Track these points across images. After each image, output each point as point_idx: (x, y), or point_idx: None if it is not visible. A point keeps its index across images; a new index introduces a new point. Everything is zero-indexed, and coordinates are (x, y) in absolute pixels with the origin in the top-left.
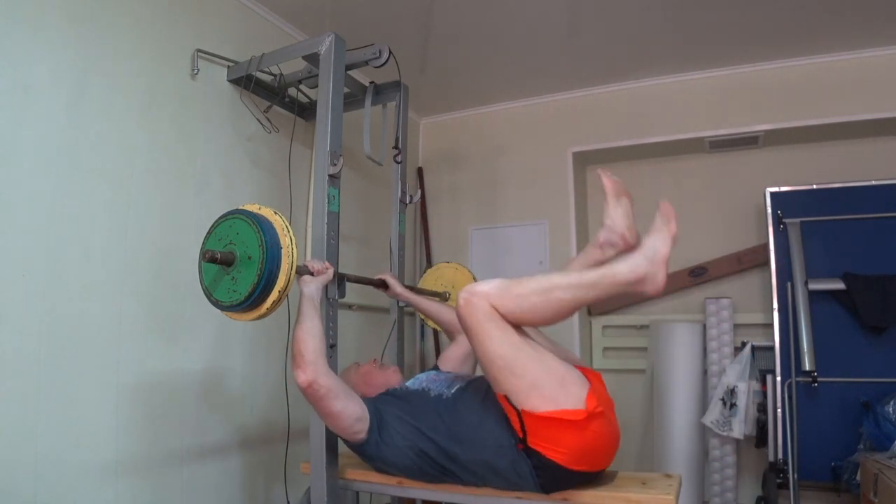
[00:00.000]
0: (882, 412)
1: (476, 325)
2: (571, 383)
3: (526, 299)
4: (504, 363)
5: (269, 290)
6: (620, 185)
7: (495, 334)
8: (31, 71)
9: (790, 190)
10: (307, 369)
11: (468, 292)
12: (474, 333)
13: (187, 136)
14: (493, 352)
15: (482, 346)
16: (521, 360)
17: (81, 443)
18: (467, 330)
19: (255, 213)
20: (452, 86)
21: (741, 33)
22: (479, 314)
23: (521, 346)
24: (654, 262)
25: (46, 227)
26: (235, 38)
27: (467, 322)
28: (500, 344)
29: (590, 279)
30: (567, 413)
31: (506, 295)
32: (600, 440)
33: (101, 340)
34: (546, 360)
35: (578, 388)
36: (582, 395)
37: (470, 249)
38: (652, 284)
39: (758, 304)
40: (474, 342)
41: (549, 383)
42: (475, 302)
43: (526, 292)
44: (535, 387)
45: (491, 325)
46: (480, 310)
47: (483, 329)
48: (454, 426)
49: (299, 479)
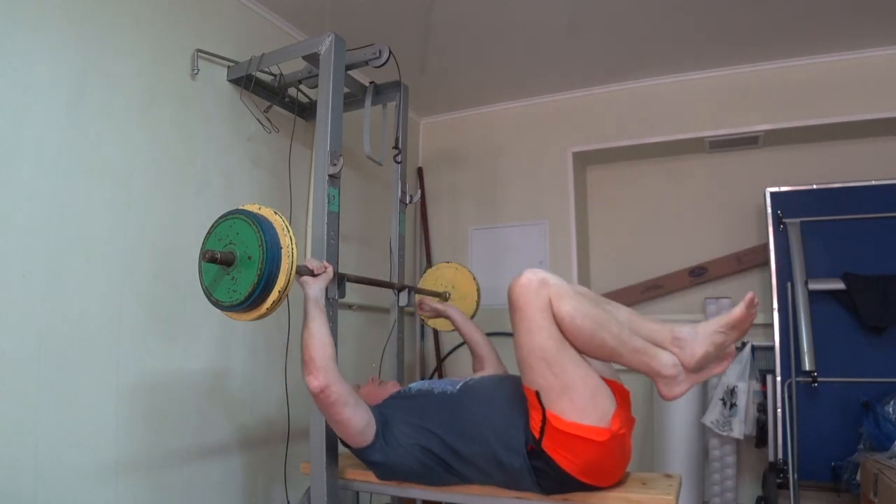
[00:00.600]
0: (882, 412)
1: (529, 309)
2: (602, 398)
3: (580, 318)
4: (544, 356)
5: (269, 290)
6: (748, 322)
7: (545, 325)
8: (31, 71)
9: (790, 190)
10: (319, 375)
11: (534, 273)
12: (523, 317)
13: (187, 136)
14: (537, 342)
15: (528, 334)
16: (561, 358)
17: (81, 443)
18: (516, 310)
19: (255, 212)
20: (452, 86)
21: (741, 33)
22: (537, 300)
23: (565, 346)
24: (687, 378)
25: (46, 227)
26: (235, 38)
27: (519, 302)
28: (546, 337)
29: (635, 345)
30: (591, 431)
31: (566, 300)
32: (613, 460)
33: (101, 340)
34: (584, 368)
35: (607, 405)
36: (609, 413)
37: (470, 249)
38: (669, 389)
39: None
40: (520, 326)
41: (581, 391)
42: (536, 287)
43: (583, 312)
44: (567, 390)
45: (542, 316)
46: (539, 297)
47: (534, 315)
48: (459, 421)
49: (299, 479)
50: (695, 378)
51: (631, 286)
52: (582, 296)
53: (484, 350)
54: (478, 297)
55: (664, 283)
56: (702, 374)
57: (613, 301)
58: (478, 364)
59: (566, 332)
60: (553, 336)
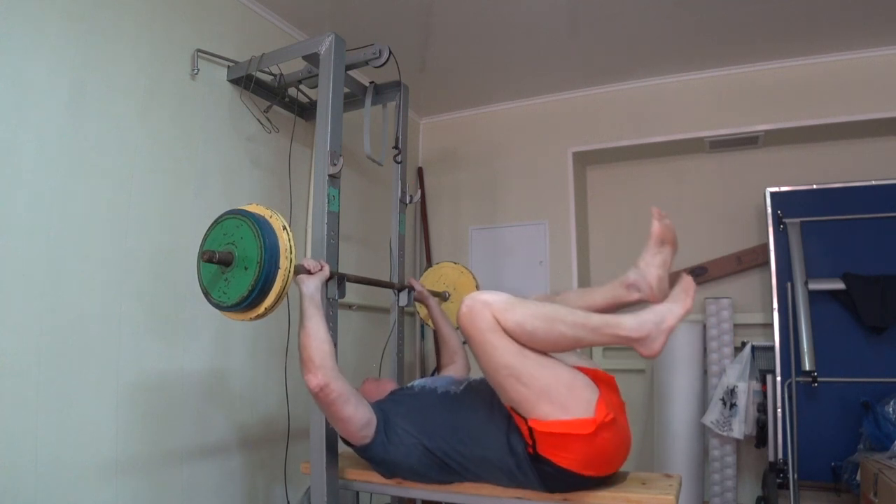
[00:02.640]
0: (882, 412)
1: (478, 334)
2: (580, 389)
3: (529, 322)
4: (509, 372)
5: (268, 290)
6: (670, 231)
7: (498, 343)
8: (31, 71)
9: (790, 190)
10: (318, 374)
11: (472, 300)
12: (476, 343)
13: (187, 136)
14: (497, 362)
15: (486, 356)
16: (527, 367)
17: (81, 443)
18: (469, 338)
19: (254, 213)
20: (452, 86)
21: (741, 33)
22: (482, 323)
23: (526, 354)
24: (660, 329)
25: (46, 227)
26: (235, 38)
27: (469, 331)
28: (502, 353)
29: (594, 323)
30: (576, 425)
31: (509, 311)
32: (611, 447)
33: (101, 340)
34: (552, 366)
35: (588, 394)
36: (592, 401)
37: (470, 249)
38: (648, 348)
39: (758, 304)
40: (477, 352)
41: (557, 389)
42: (478, 311)
43: (530, 315)
44: (543, 394)
45: (493, 336)
46: (483, 320)
47: (485, 339)
48: (461, 423)
49: (299, 479)
50: (663, 321)
51: None
52: (525, 301)
53: (455, 343)
54: None
55: None
56: (667, 308)
57: (562, 292)
58: (448, 358)
59: (522, 340)
60: (510, 351)
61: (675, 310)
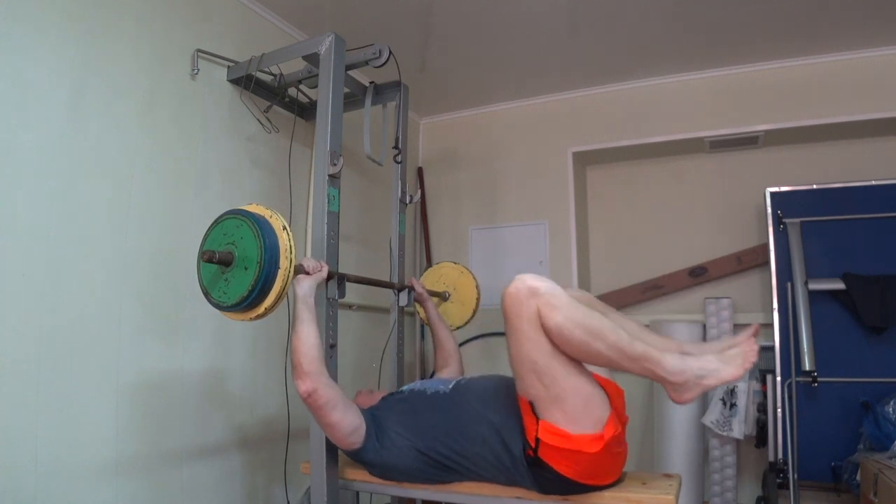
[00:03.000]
0: (882, 412)
1: (515, 319)
2: (595, 406)
3: (568, 329)
4: (533, 367)
5: (268, 290)
6: (750, 352)
7: (533, 336)
8: (31, 71)
9: (790, 190)
10: (306, 379)
11: (522, 283)
12: (511, 327)
13: (187, 136)
14: (525, 354)
15: (516, 344)
16: (551, 370)
17: (81, 443)
18: (505, 319)
19: (254, 213)
20: (452, 86)
21: (741, 33)
22: (523, 311)
23: (556, 357)
24: (698, 382)
25: (46, 227)
26: (235, 38)
27: (507, 313)
28: (532, 348)
29: (635, 353)
30: (584, 443)
31: (555, 310)
32: (612, 461)
33: (101, 341)
34: (576, 376)
35: (601, 412)
36: (603, 419)
37: (470, 249)
38: (679, 394)
39: (758, 304)
40: (509, 335)
41: (573, 401)
42: (523, 299)
43: (573, 323)
44: (557, 400)
45: (529, 328)
46: (527, 308)
47: (521, 327)
48: (454, 420)
49: (299, 479)
50: (704, 378)
51: (631, 286)
52: (576, 303)
53: (451, 346)
54: (475, 307)
55: (664, 283)
56: (716, 365)
57: (618, 312)
58: (443, 361)
59: (556, 343)
60: (541, 348)
61: (722, 373)
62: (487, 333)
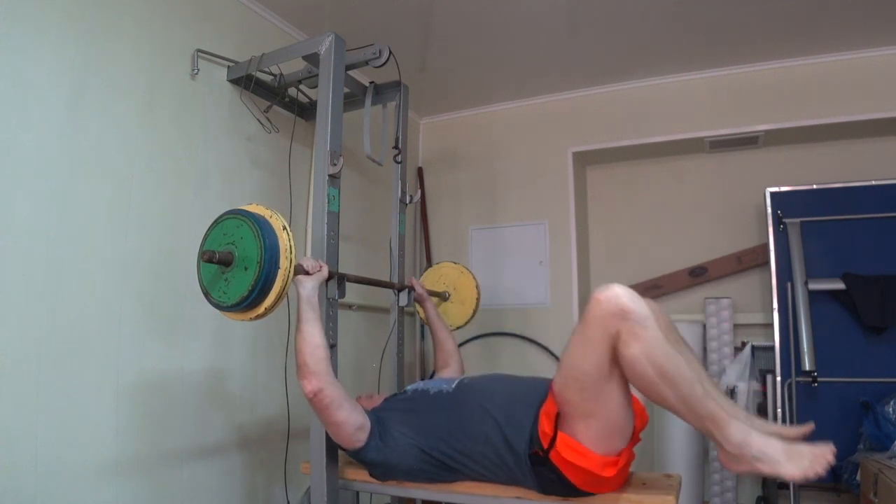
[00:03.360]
0: (882, 412)
1: (592, 329)
2: (619, 434)
3: (641, 365)
4: (580, 378)
5: (268, 290)
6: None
7: (598, 351)
8: (31, 71)
9: (790, 190)
10: (312, 379)
11: (618, 300)
12: (582, 331)
13: (187, 136)
14: (580, 362)
15: (579, 349)
16: (597, 389)
17: (81, 443)
18: (582, 320)
19: (254, 213)
20: (452, 86)
21: (741, 33)
22: (605, 328)
23: (610, 380)
24: (752, 462)
25: (46, 227)
26: (235, 38)
27: (588, 316)
28: (590, 361)
29: (703, 411)
30: (599, 465)
31: (636, 340)
32: (619, 479)
33: (101, 341)
34: (615, 402)
35: (621, 441)
36: (622, 445)
37: (470, 249)
38: (728, 461)
39: (758, 304)
40: (575, 334)
41: (601, 425)
42: (609, 315)
43: (649, 360)
44: (588, 416)
45: (601, 343)
46: (609, 326)
47: (593, 338)
48: (457, 419)
49: (299, 479)
50: (761, 460)
51: (631, 286)
52: (661, 340)
53: (451, 346)
54: (475, 306)
55: (664, 283)
56: (781, 458)
57: (690, 349)
58: (443, 361)
59: (623, 368)
60: (600, 366)
61: (782, 468)
62: (487, 333)
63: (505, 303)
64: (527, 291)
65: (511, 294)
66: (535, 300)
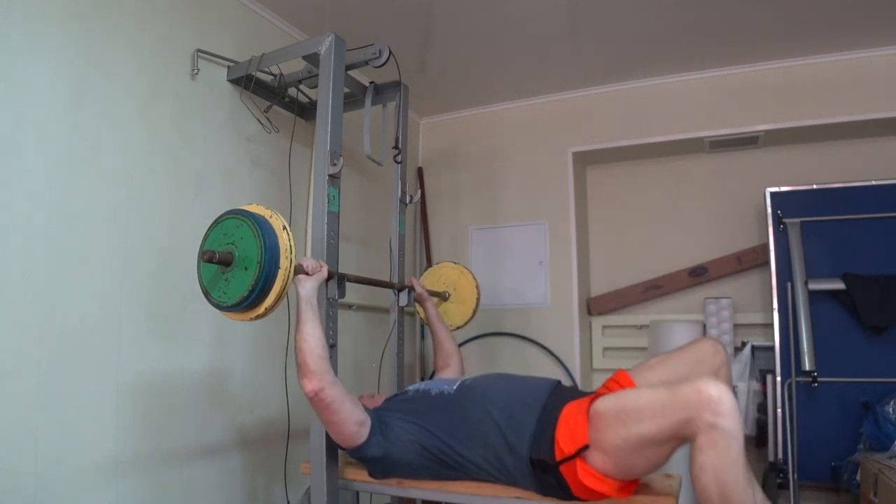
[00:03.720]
0: (882, 412)
1: (676, 409)
2: (636, 477)
3: (710, 476)
4: (633, 431)
5: (268, 290)
6: None
7: (670, 427)
8: (31, 71)
9: (790, 190)
10: (313, 379)
11: (720, 404)
12: (666, 403)
13: (187, 136)
14: (644, 422)
15: (650, 409)
16: (644, 446)
17: (81, 443)
18: (673, 391)
19: (254, 213)
20: (452, 86)
21: (741, 33)
22: (689, 416)
23: (660, 447)
24: None
25: (46, 227)
26: (235, 38)
27: (681, 396)
28: (654, 430)
29: None
30: (613, 490)
31: (713, 453)
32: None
33: (101, 341)
34: (648, 464)
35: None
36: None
37: (470, 249)
38: None
39: (758, 304)
40: (658, 394)
41: (630, 468)
42: (703, 415)
43: (717, 475)
44: (621, 459)
45: (676, 426)
46: (694, 420)
47: (672, 416)
48: (459, 420)
49: (299, 479)
50: None
51: (631, 286)
52: (738, 465)
53: (451, 347)
54: (475, 306)
55: (664, 283)
56: None
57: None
58: (443, 361)
59: (691, 458)
60: (657, 437)
61: None
62: (487, 333)
63: (505, 303)
64: (527, 291)
65: (511, 294)
66: (534, 300)
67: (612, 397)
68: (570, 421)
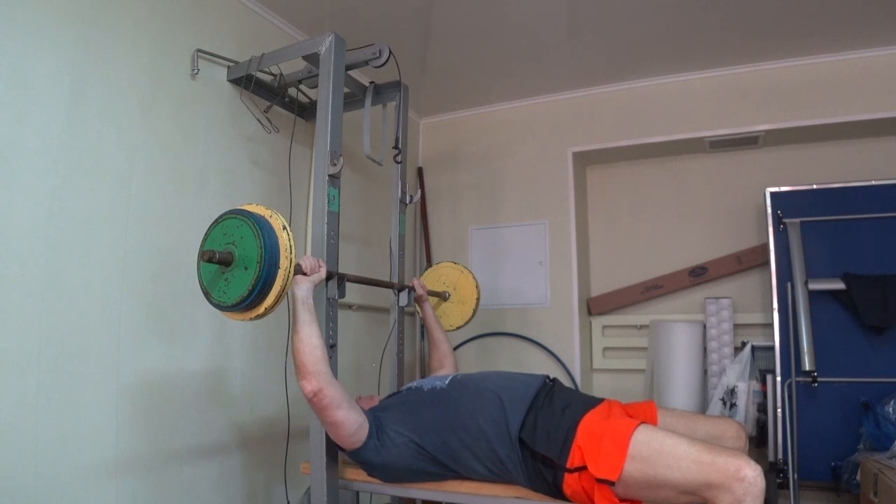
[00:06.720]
0: (882, 412)
1: (708, 470)
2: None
3: None
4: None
5: (268, 290)
6: None
7: (695, 484)
8: (32, 71)
9: (790, 190)
10: (311, 380)
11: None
12: (702, 459)
13: (187, 136)
14: (671, 469)
15: (683, 461)
16: (658, 488)
17: (81, 443)
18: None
19: (254, 212)
20: (452, 86)
21: (741, 33)
22: (718, 482)
23: (675, 493)
24: None
25: (46, 227)
26: (235, 38)
27: (717, 463)
28: (680, 479)
29: None
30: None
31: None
32: None
33: (101, 340)
34: (654, 498)
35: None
36: None
37: (470, 249)
38: None
39: (758, 304)
40: (695, 450)
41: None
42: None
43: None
44: (628, 489)
45: (701, 487)
46: (722, 486)
47: (700, 476)
48: (451, 413)
49: (299, 479)
50: None
51: (631, 286)
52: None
53: (446, 348)
54: (475, 306)
55: (664, 283)
56: None
57: None
58: (437, 361)
59: None
60: (681, 486)
61: None
62: (487, 333)
63: (505, 303)
64: (526, 291)
65: (511, 294)
66: (534, 300)
67: (650, 435)
68: (605, 440)
